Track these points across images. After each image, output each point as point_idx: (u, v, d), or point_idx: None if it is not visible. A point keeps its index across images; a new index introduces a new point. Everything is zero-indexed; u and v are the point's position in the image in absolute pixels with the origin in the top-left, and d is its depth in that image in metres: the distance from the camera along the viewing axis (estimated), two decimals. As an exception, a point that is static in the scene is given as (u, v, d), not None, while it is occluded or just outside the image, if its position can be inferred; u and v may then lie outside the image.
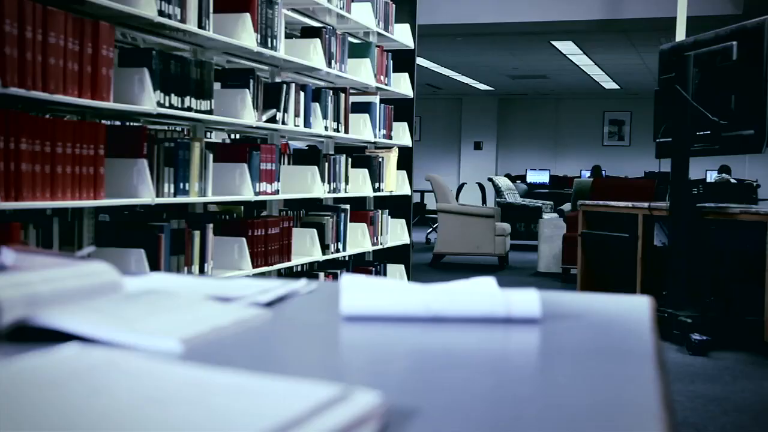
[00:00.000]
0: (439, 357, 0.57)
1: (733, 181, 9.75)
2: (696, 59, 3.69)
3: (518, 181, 11.87)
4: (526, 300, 0.69)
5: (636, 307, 0.76)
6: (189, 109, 2.81)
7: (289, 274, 3.77)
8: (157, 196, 2.64)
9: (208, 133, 4.31)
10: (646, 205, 4.10)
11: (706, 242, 3.83)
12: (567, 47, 9.38)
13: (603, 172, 12.21)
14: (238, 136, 4.44)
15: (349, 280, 0.89)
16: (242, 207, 3.61)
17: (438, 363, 0.55)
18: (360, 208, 4.43)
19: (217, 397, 0.38)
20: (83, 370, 0.41)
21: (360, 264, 4.54)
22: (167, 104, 2.69)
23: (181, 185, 2.77)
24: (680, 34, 5.13)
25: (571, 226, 6.37)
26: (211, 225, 2.96)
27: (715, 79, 3.59)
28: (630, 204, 4.32)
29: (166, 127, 3.90)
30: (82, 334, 0.58)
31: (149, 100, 2.57)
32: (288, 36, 3.79)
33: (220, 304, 0.73)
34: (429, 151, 14.64)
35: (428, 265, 7.22)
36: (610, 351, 0.58)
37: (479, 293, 0.72)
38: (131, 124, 3.53)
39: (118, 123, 3.56)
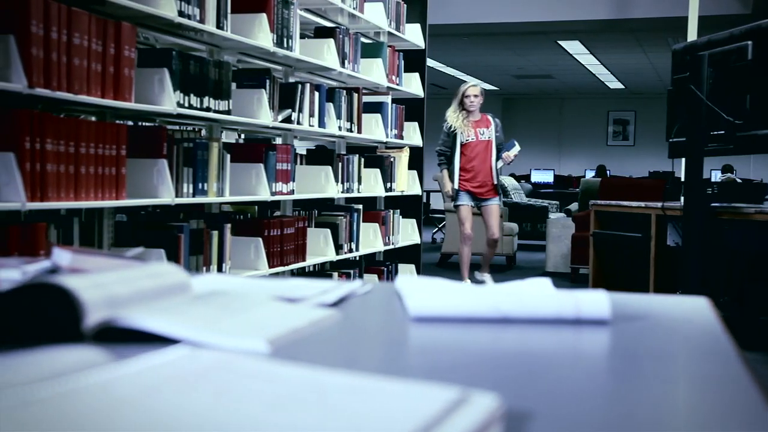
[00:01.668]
0: (525, 358, 0.57)
1: (738, 180, 9.75)
2: (710, 59, 3.69)
3: (522, 181, 11.87)
4: (596, 301, 0.69)
5: (697, 308, 0.76)
6: (207, 109, 2.82)
7: (302, 273, 3.78)
8: (177, 196, 2.64)
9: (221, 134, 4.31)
10: (659, 204, 4.10)
11: (720, 242, 3.83)
12: (573, 47, 9.38)
13: (607, 171, 12.22)
14: (242, 136, 4.44)
15: (404, 281, 0.90)
16: (256, 207, 3.61)
17: (527, 364, 0.55)
18: (370, 208, 4.43)
19: (342, 399, 0.38)
20: (201, 372, 0.42)
21: (371, 264, 4.55)
22: (186, 104, 2.70)
23: (200, 185, 2.78)
24: (692, 34, 5.13)
25: (580, 226, 6.37)
26: (229, 225, 2.97)
27: (730, 79, 3.60)
28: (643, 204, 4.32)
29: (177, 127, 3.91)
30: (169, 335, 0.59)
31: (169, 100, 2.58)
32: (301, 36, 3.80)
33: (290, 304, 0.73)
34: (433, 151, 14.63)
35: (436, 265, 7.22)
36: (694, 352, 0.58)
37: (548, 294, 0.72)
38: (143, 123, 3.54)
39: (130, 123, 3.57)
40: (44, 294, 0.70)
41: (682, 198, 4.98)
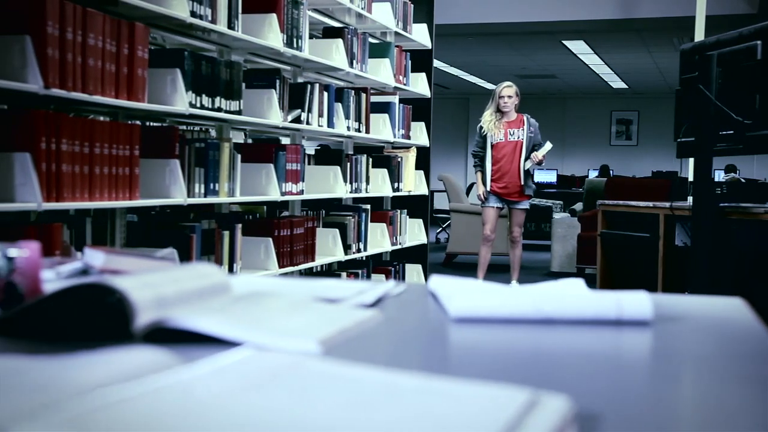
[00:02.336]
0: (575, 359, 0.58)
1: (742, 180, 9.73)
2: (719, 58, 3.69)
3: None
4: (638, 302, 0.69)
5: (735, 309, 0.77)
6: (219, 109, 2.82)
7: (310, 274, 3.78)
8: (188, 196, 2.65)
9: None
10: (667, 204, 4.10)
11: (728, 242, 3.83)
12: (578, 47, 9.38)
13: (611, 171, 12.21)
14: (248, 137, 4.44)
15: (438, 282, 0.90)
16: (264, 207, 3.62)
17: (578, 365, 0.56)
18: (377, 208, 4.43)
19: (418, 400, 0.39)
20: (274, 373, 0.42)
21: (378, 264, 4.55)
22: (198, 105, 2.70)
23: (211, 185, 2.78)
24: (699, 34, 5.13)
25: (586, 226, 6.37)
26: (239, 225, 2.97)
27: (739, 79, 3.60)
28: (651, 204, 4.32)
29: (184, 127, 3.91)
30: (220, 336, 0.59)
31: (181, 100, 2.58)
32: (309, 36, 3.80)
33: (332, 305, 0.73)
34: (436, 151, 14.62)
35: (441, 264, 7.22)
36: (739, 353, 0.58)
37: (589, 295, 0.72)
38: (151, 124, 3.54)
39: (137, 122, 3.57)
40: (93, 294, 0.70)
41: (689, 198, 4.99)
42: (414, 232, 4.86)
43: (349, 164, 3.90)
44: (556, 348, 0.62)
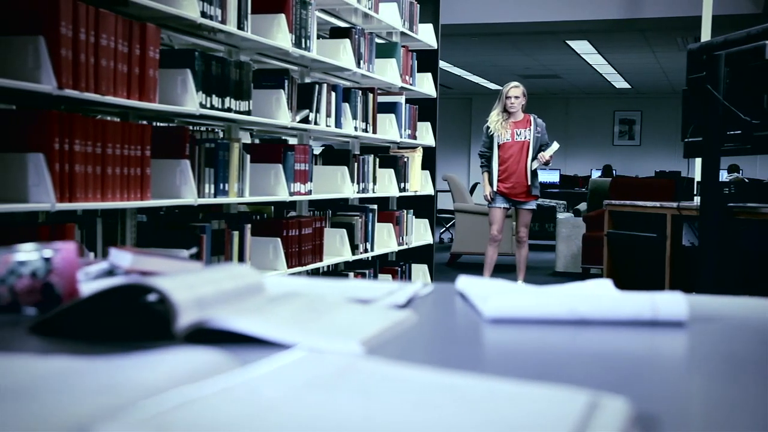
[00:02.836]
0: (619, 359, 0.58)
1: (746, 180, 9.73)
2: (727, 58, 3.69)
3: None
4: (674, 302, 0.70)
5: (766, 309, 0.77)
6: (228, 110, 2.82)
7: (317, 274, 3.78)
8: (198, 196, 2.65)
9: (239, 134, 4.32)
10: (674, 204, 4.10)
11: (736, 242, 3.83)
12: (582, 47, 9.38)
13: (614, 171, 12.21)
14: (253, 137, 4.44)
15: (466, 282, 0.90)
16: (272, 207, 3.62)
17: (624, 365, 0.56)
18: (383, 208, 4.44)
19: (483, 402, 0.39)
20: (335, 374, 0.42)
21: (384, 264, 4.55)
22: (208, 105, 2.70)
23: (221, 186, 2.79)
24: (705, 34, 5.12)
25: (591, 226, 6.37)
26: (249, 225, 2.98)
27: (747, 79, 3.59)
28: (658, 204, 4.32)
29: (192, 128, 3.91)
30: (262, 337, 0.59)
31: (192, 101, 2.59)
32: (316, 36, 3.80)
33: (366, 306, 0.73)
34: (439, 151, 14.62)
35: (445, 264, 7.22)
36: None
37: (623, 295, 0.72)
38: (156, 123, 3.54)
39: (144, 122, 3.57)
40: (129, 295, 0.70)
41: (695, 198, 4.99)
42: (420, 232, 4.86)
43: (356, 164, 3.90)
44: (595, 349, 0.62)
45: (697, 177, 5.56)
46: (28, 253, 0.73)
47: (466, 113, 15.26)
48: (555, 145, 5.21)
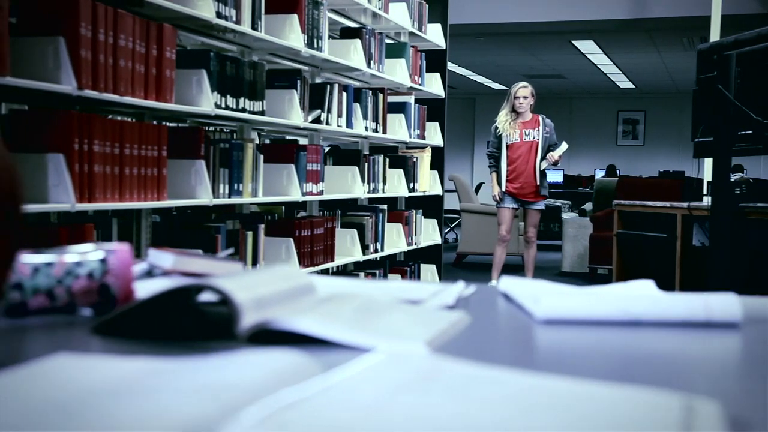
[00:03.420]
0: (680, 361, 0.58)
1: (750, 180, 9.71)
2: (738, 58, 3.69)
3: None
4: (727, 304, 0.70)
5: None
6: (243, 110, 2.83)
7: (327, 274, 3.78)
8: (213, 196, 2.65)
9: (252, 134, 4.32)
10: (684, 204, 4.10)
11: (746, 242, 3.83)
12: (587, 46, 9.37)
13: (617, 171, 12.20)
14: (261, 137, 4.44)
15: (509, 283, 0.90)
16: (283, 207, 3.62)
17: (686, 367, 0.56)
18: (392, 208, 4.44)
19: (575, 403, 0.39)
20: (423, 376, 0.42)
21: (393, 264, 4.55)
22: (223, 105, 2.71)
23: (236, 186, 2.79)
24: (714, 34, 5.12)
25: (598, 226, 6.37)
26: (262, 225, 2.98)
27: (758, 78, 3.59)
28: (668, 204, 4.32)
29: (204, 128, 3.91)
30: (328, 338, 0.59)
31: (207, 101, 2.59)
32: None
33: (420, 307, 0.74)
34: (450, 151, 14.63)
35: (452, 264, 7.22)
36: None
37: (676, 297, 0.72)
38: (166, 123, 3.53)
39: (154, 123, 3.57)
40: (181, 296, 0.70)
41: (704, 198, 4.98)
42: (428, 233, 4.86)
43: (366, 164, 3.90)
44: (653, 350, 0.62)
45: (705, 177, 5.56)
46: (84, 254, 0.74)
47: (469, 113, 15.26)
48: (564, 146, 5.21)
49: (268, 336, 0.61)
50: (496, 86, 13.86)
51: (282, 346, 0.58)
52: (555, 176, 13.32)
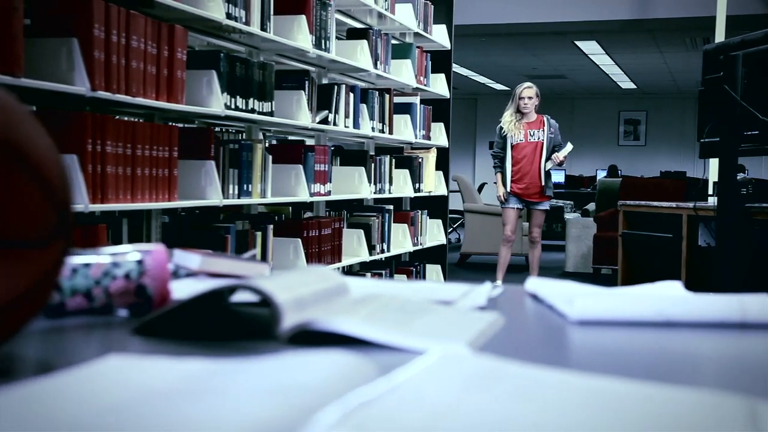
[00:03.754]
0: (719, 361, 0.58)
1: (752, 180, 9.71)
2: (744, 58, 3.69)
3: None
4: (763, 304, 0.70)
5: None
6: (252, 110, 2.83)
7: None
8: (223, 197, 2.66)
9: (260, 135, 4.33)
10: (690, 205, 4.11)
11: (752, 243, 3.84)
12: (590, 47, 9.38)
13: (619, 171, 12.21)
14: (267, 138, 4.45)
15: (536, 283, 0.91)
16: (290, 208, 3.63)
17: (734, 369, 0.56)
18: (397, 209, 4.44)
19: (641, 405, 0.39)
20: (482, 376, 0.43)
21: (398, 264, 4.56)
22: (233, 106, 2.71)
23: (245, 186, 2.79)
24: (720, 34, 5.13)
25: (602, 226, 6.38)
26: (271, 226, 2.98)
27: (765, 79, 3.60)
28: (674, 204, 4.33)
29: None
30: (370, 339, 0.59)
31: (217, 102, 2.59)
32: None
33: (453, 307, 0.74)
34: (455, 152, 14.64)
35: (455, 265, 7.22)
36: None
37: (711, 298, 0.73)
38: (172, 124, 3.54)
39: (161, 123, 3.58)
40: (215, 296, 0.71)
41: (709, 198, 4.98)
42: (433, 233, 4.87)
43: (373, 165, 3.91)
44: (693, 351, 0.62)
45: (711, 177, 5.56)
46: (121, 255, 0.74)
47: (471, 114, 15.26)
48: (569, 146, 5.22)
49: (306, 337, 0.62)
50: (498, 87, 13.86)
51: (322, 346, 0.59)
52: (557, 176, 13.33)
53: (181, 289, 0.82)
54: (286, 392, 0.38)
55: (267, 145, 4.07)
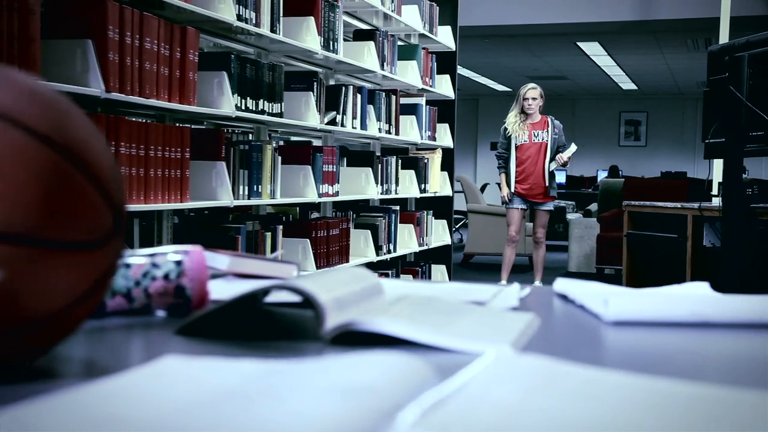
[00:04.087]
0: (763, 362, 0.59)
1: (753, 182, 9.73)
2: (750, 59, 3.70)
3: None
4: (795, 304, 0.71)
5: None
6: (262, 112, 2.84)
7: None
8: (234, 198, 2.67)
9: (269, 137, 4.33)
10: (695, 205, 4.12)
11: (759, 243, 3.85)
12: (592, 48, 9.40)
13: (620, 172, 12.23)
14: (272, 139, 4.46)
15: (565, 284, 0.92)
16: (297, 208, 3.64)
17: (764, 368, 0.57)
18: (403, 209, 4.46)
19: (710, 406, 0.40)
20: (546, 378, 0.43)
21: (404, 265, 4.57)
22: (243, 107, 2.72)
23: (255, 187, 2.81)
24: (723, 35, 5.14)
25: (606, 227, 6.39)
26: (281, 227, 3.00)
27: (770, 81, 3.61)
28: (679, 204, 4.34)
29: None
30: (414, 340, 0.60)
31: (228, 103, 2.61)
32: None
33: (488, 308, 0.75)
34: (459, 153, 14.65)
35: (459, 265, 7.23)
36: None
37: (744, 298, 0.74)
38: (180, 125, 3.55)
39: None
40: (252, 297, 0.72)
41: (713, 198, 5.00)
42: (438, 233, 4.88)
43: (380, 166, 3.92)
44: (731, 351, 0.63)
45: (715, 178, 5.57)
46: (160, 256, 0.75)
47: (472, 114, 15.27)
48: (573, 147, 5.23)
49: (346, 337, 0.62)
50: (499, 88, 13.88)
51: (363, 347, 0.59)
52: (558, 177, 13.34)
53: (217, 290, 0.83)
54: (354, 393, 0.39)
55: (279, 144, 4.09)
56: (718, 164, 5.27)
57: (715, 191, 5.36)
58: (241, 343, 0.64)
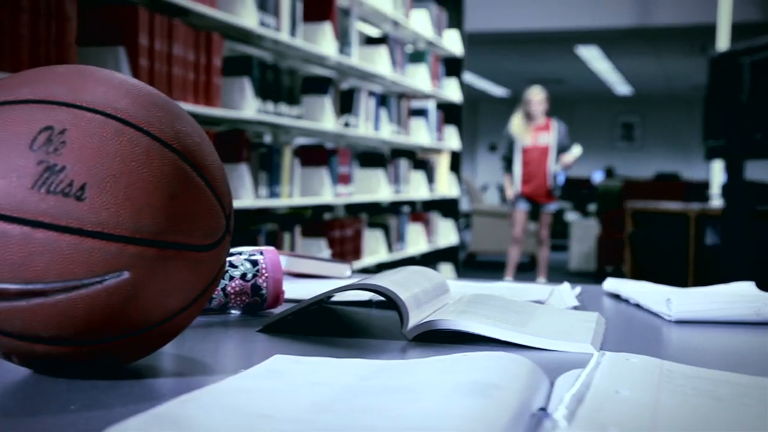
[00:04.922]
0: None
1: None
2: (752, 65, 3.78)
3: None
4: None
5: None
6: (281, 115, 2.90)
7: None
8: (254, 198, 2.73)
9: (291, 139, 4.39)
10: (698, 205, 4.20)
11: (761, 243, 3.93)
12: (591, 53, 9.47)
13: (614, 172, 12.32)
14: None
15: (615, 283, 0.98)
16: (310, 210, 3.70)
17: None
18: (412, 210, 4.52)
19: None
20: (660, 376, 0.48)
21: (413, 264, 4.63)
22: (264, 111, 2.78)
23: (274, 188, 2.87)
24: (722, 41, 5.22)
25: (606, 227, 6.47)
26: (299, 227, 3.06)
27: (773, 85, 3.68)
28: (682, 204, 4.42)
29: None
30: (507, 339, 0.65)
31: (250, 107, 2.66)
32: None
33: (554, 307, 0.81)
34: (465, 155, 14.70)
35: (463, 264, 7.30)
36: None
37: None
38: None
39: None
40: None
41: (713, 199, 5.08)
42: (446, 233, 4.95)
43: (391, 167, 3.99)
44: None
45: (715, 179, 5.64)
46: (237, 256, 0.78)
47: (471, 118, 15.33)
48: (577, 150, 5.30)
49: (421, 334, 0.66)
50: (499, 91, 13.94)
51: (441, 344, 0.63)
52: (559, 178, 13.43)
53: (291, 290, 0.87)
54: (485, 391, 0.42)
55: (296, 147, 4.14)
56: (715, 166, 5.35)
57: (716, 191, 5.45)
58: (323, 340, 0.65)
